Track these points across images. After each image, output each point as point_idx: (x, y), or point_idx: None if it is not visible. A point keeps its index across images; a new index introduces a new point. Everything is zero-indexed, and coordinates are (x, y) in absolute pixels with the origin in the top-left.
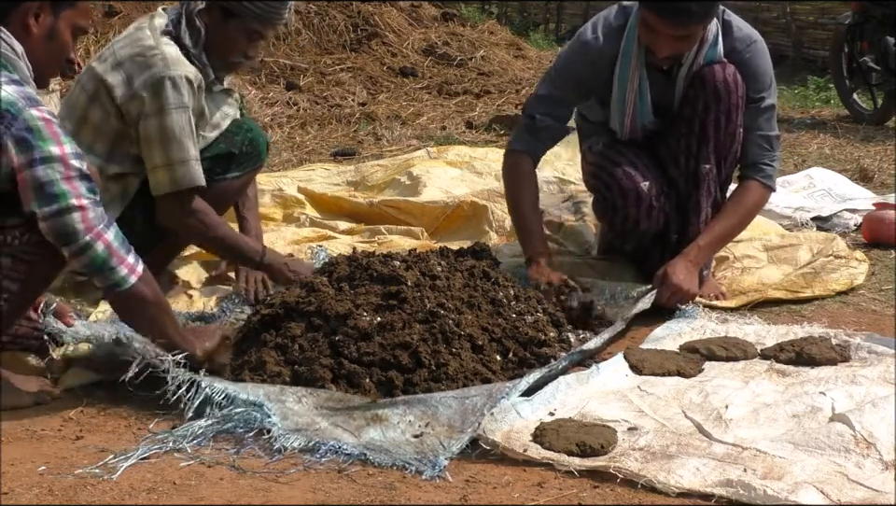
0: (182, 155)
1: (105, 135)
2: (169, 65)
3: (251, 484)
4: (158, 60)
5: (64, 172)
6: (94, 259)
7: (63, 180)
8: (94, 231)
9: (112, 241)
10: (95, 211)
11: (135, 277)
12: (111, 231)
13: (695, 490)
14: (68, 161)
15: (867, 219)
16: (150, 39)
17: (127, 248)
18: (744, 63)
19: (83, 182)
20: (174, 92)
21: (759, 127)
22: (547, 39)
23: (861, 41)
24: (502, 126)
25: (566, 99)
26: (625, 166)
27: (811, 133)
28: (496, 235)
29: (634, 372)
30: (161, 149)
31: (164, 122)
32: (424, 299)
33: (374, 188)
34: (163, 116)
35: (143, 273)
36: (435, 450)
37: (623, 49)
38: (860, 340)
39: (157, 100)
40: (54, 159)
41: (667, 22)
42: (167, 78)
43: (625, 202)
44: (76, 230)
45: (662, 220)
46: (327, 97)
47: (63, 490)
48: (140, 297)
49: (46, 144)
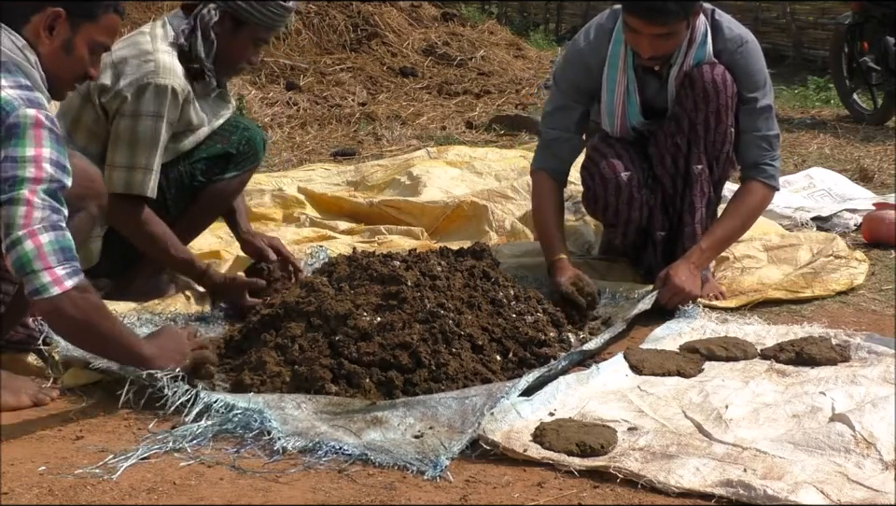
0: (144, 162)
1: (98, 137)
2: (159, 72)
3: (251, 484)
4: (151, 65)
5: (33, 172)
6: (21, 256)
7: (26, 179)
8: (29, 229)
9: (44, 245)
10: (43, 212)
11: (59, 289)
12: (48, 235)
13: (695, 490)
14: (40, 163)
15: (867, 219)
16: (148, 44)
17: (61, 259)
18: (735, 64)
19: (47, 184)
20: (155, 100)
21: (757, 128)
22: (547, 39)
23: (861, 41)
24: (502, 126)
25: (569, 106)
26: (610, 158)
27: (811, 133)
28: (496, 235)
29: (634, 372)
30: (127, 151)
31: (137, 126)
32: (424, 299)
33: (374, 188)
34: (138, 120)
35: (71, 290)
36: (436, 450)
37: (610, 51)
38: (860, 340)
39: (136, 102)
40: (26, 159)
41: (645, 22)
42: (153, 85)
43: (605, 191)
44: (14, 223)
45: (645, 214)
46: (327, 97)
47: (63, 490)
48: (61, 313)
49: (23, 143)
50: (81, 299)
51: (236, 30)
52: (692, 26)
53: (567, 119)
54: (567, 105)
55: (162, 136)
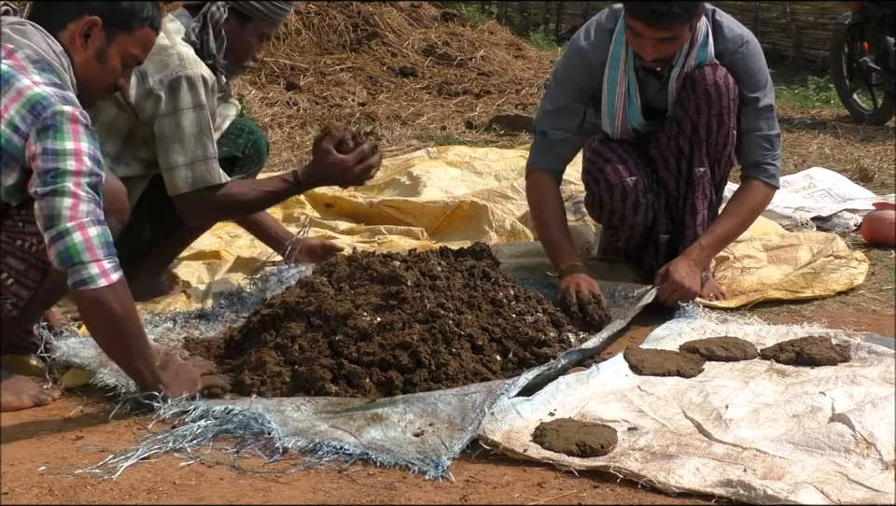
0: (202, 153)
1: (117, 134)
2: (186, 64)
3: (251, 484)
4: (174, 58)
5: (74, 165)
6: (69, 248)
7: (69, 171)
8: (78, 221)
9: (93, 238)
10: (88, 206)
11: (105, 281)
12: (96, 229)
13: (695, 490)
14: (80, 157)
15: (867, 219)
16: (165, 39)
17: (107, 253)
18: (736, 64)
19: (88, 178)
20: (191, 91)
21: (758, 128)
22: (547, 39)
23: (861, 41)
24: (502, 126)
25: (569, 107)
26: (614, 163)
27: (811, 133)
28: (496, 235)
29: (634, 372)
30: (180, 148)
31: (182, 121)
32: (424, 299)
33: (374, 188)
34: (181, 115)
35: (116, 284)
36: (437, 450)
37: (611, 52)
38: (860, 340)
39: (174, 99)
40: (67, 152)
41: (649, 26)
42: (184, 78)
43: (612, 196)
44: (61, 214)
45: (650, 217)
46: (327, 97)
47: (63, 490)
48: (104, 305)
49: (63, 137)
50: (124, 294)
51: (242, 26)
52: (693, 28)
53: (570, 119)
54: (570, 106)
55: (209, 123)
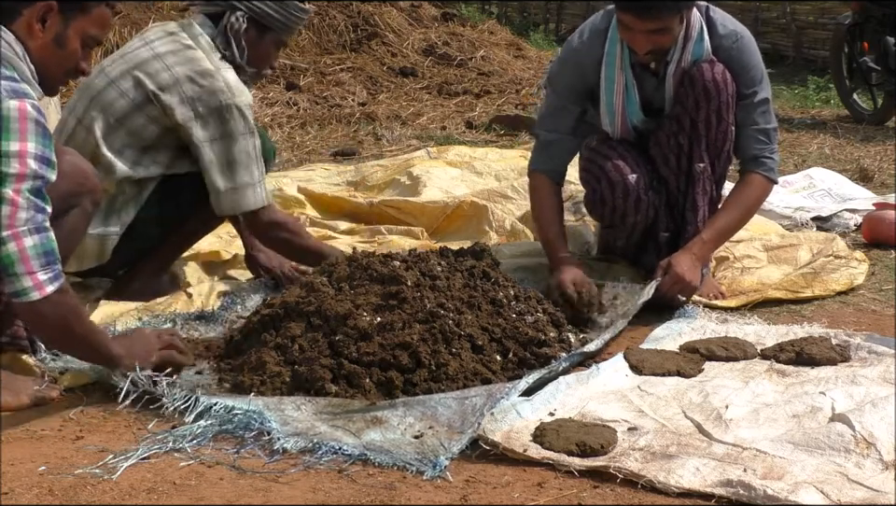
0: (248, 179)
1: (141, 141)
2: (234, 93)
3: (251, 484)
4: (222, 86)
5: (17, 168)
6: (3, 258)
7: (9, 176)
8: (13, 231)
9: (28, 248)
10: (28, 213)
11: (39, 294)
12: (32, 239)
13: (695, 490)
14: (24, 159)
15: (867, 219)
16: (205, 61)
17: (44, 264)
18: (732, 60)
19: (31, 181)
20: (242, 120)
21: (755, 122)
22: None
23: (861, 41)
24: (502, 126)
25: (565, 108)
26: (615, 160)
27: (811, 133)
28: (496, 235)
29: (634, 372)
30: (230, 173)
31: (232, 148)
32: (424, 299)
33: (374, 188)
34: (231, 142)
35: (52, 294)
36: (436, 450)
37: (606, 50)
38: (860, 340)
39: (224, 126)
40: (9, 154)
41: (638, 18)
42: (234, 106)
43: (613, 194)
44: None
45: (651, 215)
46: (327, 97)
47: (63, 490)
48: (40, 316)
49: (6, 137)
50: (60, 302)
51: (261, 36)
52: (686, 21)
53: (563, 121)
54: (563, 107)
55: (258, 149)
